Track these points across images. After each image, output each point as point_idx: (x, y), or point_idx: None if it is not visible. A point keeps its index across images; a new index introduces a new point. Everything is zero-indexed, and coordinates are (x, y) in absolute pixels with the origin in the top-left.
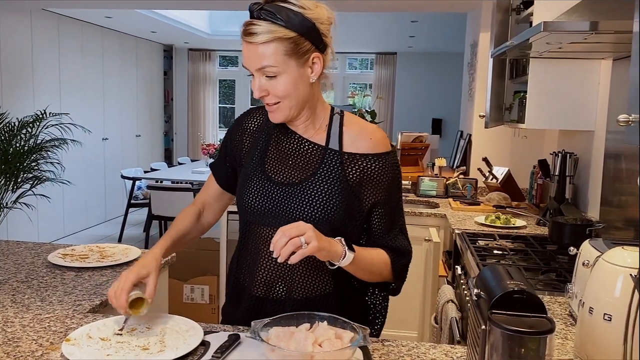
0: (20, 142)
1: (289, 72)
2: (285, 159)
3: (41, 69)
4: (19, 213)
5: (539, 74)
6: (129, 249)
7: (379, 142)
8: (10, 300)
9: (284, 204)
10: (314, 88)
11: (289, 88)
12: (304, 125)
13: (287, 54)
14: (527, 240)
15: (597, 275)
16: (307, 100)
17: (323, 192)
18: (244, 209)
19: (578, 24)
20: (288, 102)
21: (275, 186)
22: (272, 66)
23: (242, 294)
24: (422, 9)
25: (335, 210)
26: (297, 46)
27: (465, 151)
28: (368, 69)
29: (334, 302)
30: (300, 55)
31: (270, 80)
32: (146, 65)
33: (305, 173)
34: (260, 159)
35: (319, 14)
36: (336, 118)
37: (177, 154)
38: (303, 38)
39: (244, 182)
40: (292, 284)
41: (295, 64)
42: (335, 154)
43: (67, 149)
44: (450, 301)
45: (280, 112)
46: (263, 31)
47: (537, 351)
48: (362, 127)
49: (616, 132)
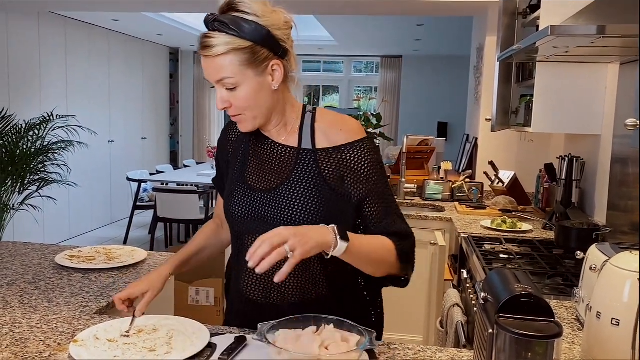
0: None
1: (247, 83)
2: (262, 166)
3: (48, 71)
4: (26, 214)
5: (545, 78)
6: (135, 251)
7: (351, 131)
8: (18, 301)
9: (265, 210)
10: (278, 94)
11: (249, 98)
12: (276, 130)
13: (243, 64)
14: (533, 244)
15: (605, 279)
16: (273, 108)
17: (300, 194)
18: (230, 218)
19: (585, 28)
20: (250, 113)
21: (255, 193)
22: (230, 77)
23: (240, 299)
24: (428, 13)
25: (315, 210)
26: (253, 55)
27: (471, 155)
28: (373, 72)
29: (332, 304)
30: (258, 64)
31: (231, 92)
32: (152, 68)
33: (281, 177)
34: (241, 168)
35: (275, 20)
36: (308, 116)
37: (183, 157)
38: (259, 46)
39: (229, 192)
40: (285, 289)
41: (254, 74)
42: (308, 153)
43: (73, 151)
44: (456, 305)
45: (245, 122)
46: (218, 43)
47: (545, 355)
48: (333, 119)
49: (623, 137)
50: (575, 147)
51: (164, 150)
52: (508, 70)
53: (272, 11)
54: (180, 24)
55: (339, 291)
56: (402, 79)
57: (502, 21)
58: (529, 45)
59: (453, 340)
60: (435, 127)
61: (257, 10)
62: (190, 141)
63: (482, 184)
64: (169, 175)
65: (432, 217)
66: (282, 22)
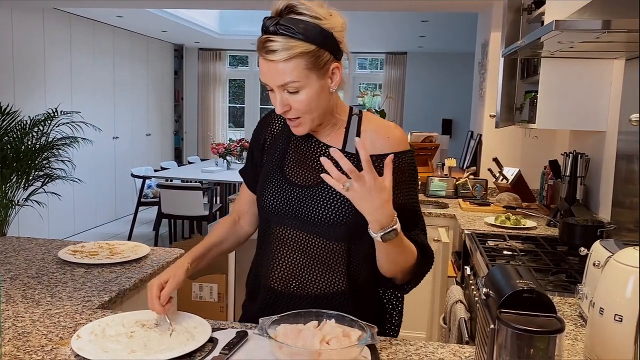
0: (32, 140)
1: (310, 86)
2: (302, 162)
3: (53, 67)
4: (30, 210)
5: (550, 74)
6: (139, 246)
7: (397, 141)
8: (21, 295)
9: (300, 205)
10: (332, 95)
11: (311, 102)
12: (324, 130)
13: (308, 68)
14: (537, 241)
15: (608, 275)
16: (329, 111)
17: (335, 196)
18: (262, 208)
19: (590, 22)
20: (309, 115)
21: (292, 188)
22: (295, 81)
23: (259, 288)
24: (432, 9)
25: (349, 213)
26: (317, 59)
27: (475, 151)
28: (378, 69)
29: (349, 300)
30: (321, 67)
31: (292, 95)
32: (157, 64)
33: (320, 176)
34: (280, 160)
35: (334, 23)
36: (354, 119)
37: (187, 153)
38: (322, 50)
39: (263, 182)
40: (305, 281)
41: (316, 77)
42: (351, 157)
43: (77, 147)
44: (459, 301)
45: (303, 126)
46: (283, 48)
47: (546, 351)
48: (380, 125)
49: (628, 133)
50: (580, 143)
51: (168, 146)
52: (513, 66)
53: (330, 14)
54: (184, 21)
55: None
56: (406, 75)
57: (506, 17)
58: (534, 40)
59: (456, 337)
60: (439, 123)
61: (319, 13)
62: (195, 138)
63: (486, 180)
64: (173, 172)
65: (435, 214)
66: (339, 24)
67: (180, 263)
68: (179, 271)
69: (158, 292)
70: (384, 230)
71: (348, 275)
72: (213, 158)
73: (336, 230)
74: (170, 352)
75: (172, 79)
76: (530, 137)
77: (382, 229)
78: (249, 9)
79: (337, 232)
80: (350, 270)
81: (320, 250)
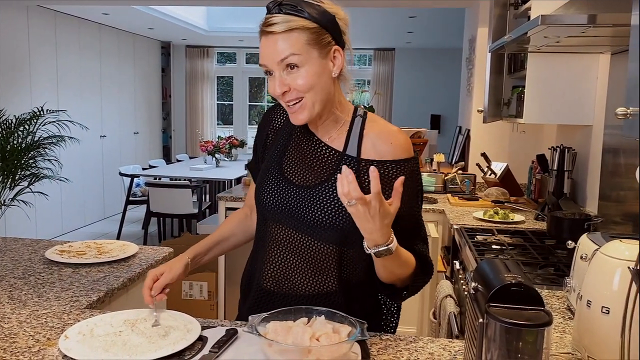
0: (18, 140)
1: (311, 63)
2: (302, 161)
3: (38, 66)
4: (17, 210)
5: (537, 69)
6: (127, 245)
7: (400, 147)
8: (7, 296)
9: (296, 205)
10: (335, 85)
11: (312, 79)
12: (324, 127)
13: (309, 43)
14: (525, 235)
15: (595, 268)
16: (330, 98)
17: (334, 199)
18: (259, 205)
19: (576, 17)
20: (311, 97)
21: (289, 187)
22: (295, 54)
23: (251, 286)
24: (420, 5)
25: (344, 218)
26: (318, 36)
27: (463, 147)
28: (366, 65)
29: (341, 300)
30: (323, 46)
31: (292, 73)
32: (144, 62)
33: (320, 177)
34: (279, 157)
35: (337, 10)
36: (358, 121)
37: (176, 151)
38: (324, 30)
39: (262, 178)
40: (297, 282)
41: (318, 55)
42: (351, 161)
43: (64, 146)
44: (448, 296)
45: (303, 109)
46: (283, 20)
47: (535, 344)
48: (384, 130)
49: (614, 127)
50: (567, 137)
51: (157, 144)
52: (500, 61)
53: (333, 5)
54: (171, 17)
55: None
56: (394, 71)
57: (493, 12)
58: (520, 35)
59: (446, 332)
60: (428, 119)
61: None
62: (183, 135)
63: (474, 175)
64: (161, 170)
65: (424, 209)
66: (343, 14)
67: (180, 257)
68: (176, 265)
69: (151, 283)
70: (377, 248)
71: (339, 277)
72: (202, 156)
73: (330, 233)
74: (160, 351)
75: (159, 76)
76: (518, 132)
77: (376, 246)
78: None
79: (331, 235)
80: (342, 273)
81: (312, 252)
